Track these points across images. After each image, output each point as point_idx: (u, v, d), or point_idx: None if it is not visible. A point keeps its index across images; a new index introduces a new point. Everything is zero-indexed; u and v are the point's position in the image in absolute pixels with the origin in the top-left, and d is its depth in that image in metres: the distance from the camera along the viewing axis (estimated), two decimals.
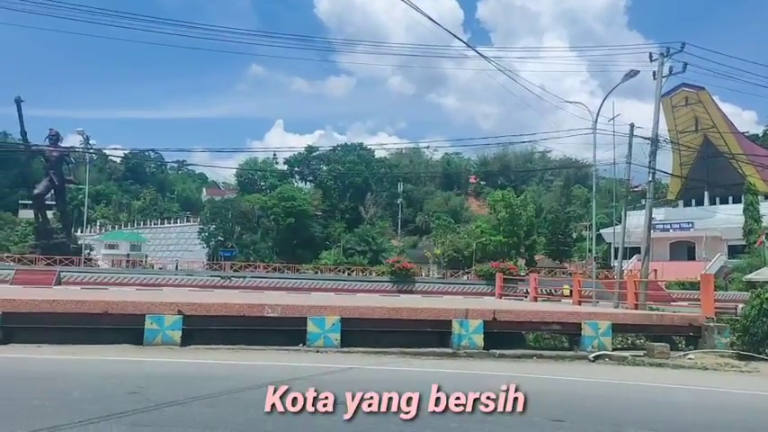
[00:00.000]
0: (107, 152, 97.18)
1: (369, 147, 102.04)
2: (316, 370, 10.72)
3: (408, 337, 13.99)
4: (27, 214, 74.22)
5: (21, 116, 42.00)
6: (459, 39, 38.07)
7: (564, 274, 53.08)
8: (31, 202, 50.92)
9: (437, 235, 77.45)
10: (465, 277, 50.23)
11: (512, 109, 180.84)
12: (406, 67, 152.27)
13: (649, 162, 27.01)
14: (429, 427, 6.84)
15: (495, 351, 13.82)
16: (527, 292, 30.58)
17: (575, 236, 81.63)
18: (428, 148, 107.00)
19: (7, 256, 44.64)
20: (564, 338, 16.26)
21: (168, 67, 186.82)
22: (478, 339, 13.96)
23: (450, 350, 13.75)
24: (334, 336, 13.41)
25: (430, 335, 14.24)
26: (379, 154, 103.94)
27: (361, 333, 13.81)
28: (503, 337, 14.57)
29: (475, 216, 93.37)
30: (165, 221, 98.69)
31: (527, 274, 42.44)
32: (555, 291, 33.95)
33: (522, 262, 65.88)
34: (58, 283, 34.31)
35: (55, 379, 9.25)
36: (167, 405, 7.46)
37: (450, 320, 14.10)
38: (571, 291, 27.66)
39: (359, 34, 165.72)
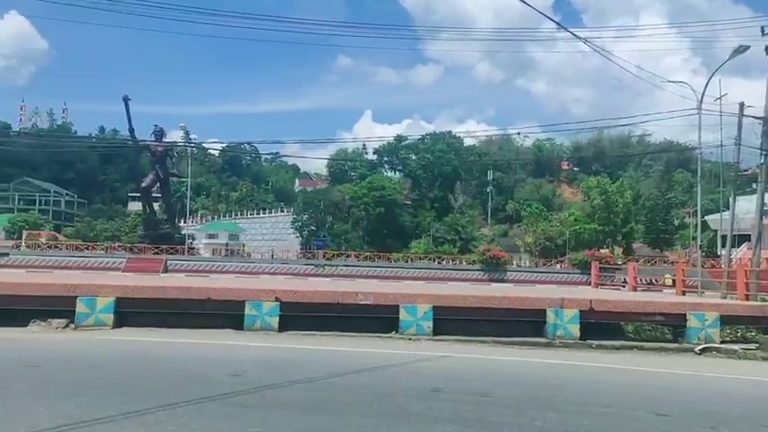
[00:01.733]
0: (206, 146, 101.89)
1: (457, 135, 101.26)
2: (409, 357, 10.80)
3: (501, 326, 13.82)
4: (136, 206, 79.08)
5: (128, 114, 44.59)
6: (551, 20, 36.81)
7: (665, 263, 50.58)
8: (139, 194, 54.07)
9: (528, 223, 75.88)
10: (558, 266, 48.94)
11: (605, 92, 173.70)
12: (493, 52, 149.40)
13: (761, 143, 25.13)
14: (527, 417, 6.74)
15: (592, 342, 13.42)
16: (625, 282, 29.39)
17: (676, 223, 77.56)
18: (518, 134, 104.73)
19: (119, 246, 47.76)
20: (666, 330, 15.53)
21: (260, 61, 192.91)
22: (574, 329, 13.59)
23: (544, 340, 13.47)
24: (426, 324, 13.45)
25: (523, 324, 14.01)
26: (467, 142, 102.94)
27: (453, 321, 13.78)
28: (600, 327, 14.12)
29: (568, 203, 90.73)
30: (261, 212, 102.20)
31: (624, 262, 40.78)
32: (655, 280, 32.38)
33: (618, 250, 63.42)
34: (165, 270, 36.33)
35: (165, 360, 9.83)
36: (268, 388, 7.76)
37: (545, 310, 13.81)
38: (673, 280, 26.30)
39: (445, 21, 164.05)
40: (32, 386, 7.54)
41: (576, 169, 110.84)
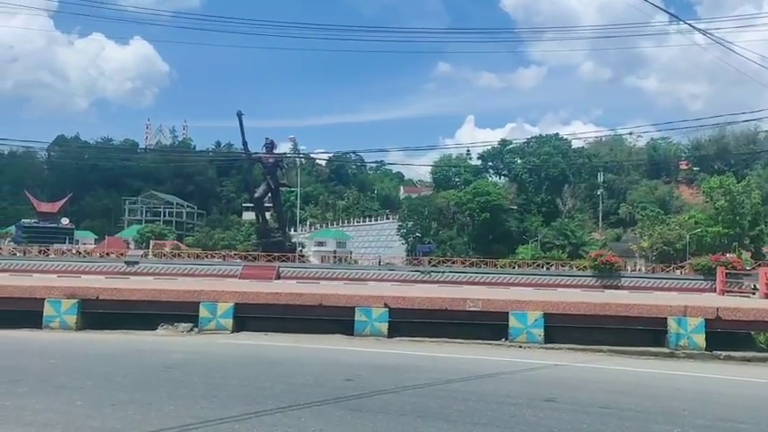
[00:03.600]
0: (314, 156, 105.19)
1: (565, 137, 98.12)
2: (519, 365, 10.57)
3: (617, 334, 13.23)
4: (249, 216, 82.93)
5: (242, 128, 46.65)
6: (666, 12, 34.90)
7: None
8: (252, 204, 56.56)
9: (644, 227, 72.16)
10: (678, 272, 46.03)
11: (726, 86, 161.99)
12: (599, 51, 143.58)
13: None
14: (651, 431, 6.40)
15: (719, 352, 12.54)
16: (755, 289, 27.22)
17: None
18: (631, 134, 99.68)
19: (235, 254, 50.17)
20: None
21: (363, 72, 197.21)
22: (699, 339, 12.76)
23: (666, 350, 12.75)
24: (537, 331, 13.12)
25: (642, 333, 13.33)
26: (575, 144, 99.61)
27: (565, 329, 13.35)
28: (728, 337, 13.18)
29: (687, 205, 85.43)
30: (367, 219, 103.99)
31: (754, 267, 37.77)
32: None
33: (746, 255, 58.86)
34: (278, 277, 37.57)
35: (281, 364, 10.20)
36: (380, 393, 7.85)
37: (666, 318, 13.07)
38: None
39: (547, 22, 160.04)
40: (162, 386, 8.07)
41: (695, 169, 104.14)
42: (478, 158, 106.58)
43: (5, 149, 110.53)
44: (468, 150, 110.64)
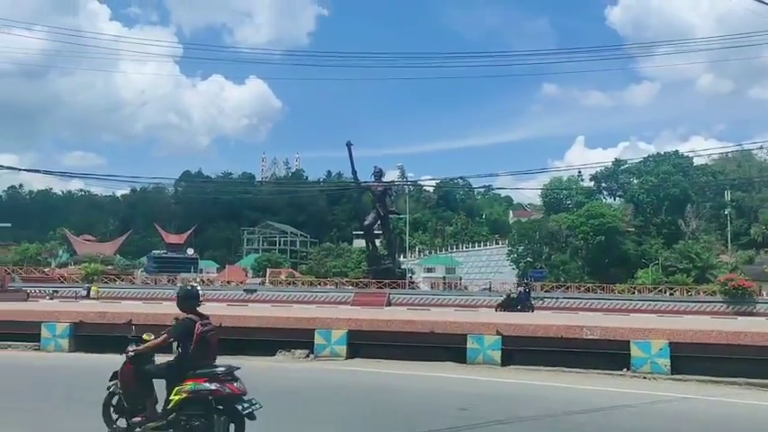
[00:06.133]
0: (421, 183, 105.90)
1: (685, 154, 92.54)
2: (643, 398, 9.99)
3: (755, 365, 12.18)
4: (359, 243, 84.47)
5: (351, 158, 48.18)
6: None
7: None
8: (362, 232, 57.81)
9: None
10: None
11: None
12: (719, 62, 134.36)
13: None
14: None
15: None
16: None
17: None
18: (761, 148, 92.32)
19: (346, 281, 51.30)
20: None
21: (470, 97, 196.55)
22: None
23: None
24: (662, 361, 12.35)
25: None
26: (697, 161, 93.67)
27: (694, 359, 12.48)
28: None
29: None
30: (476, 245, 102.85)
31: None
32: None
33: None
34: (388, 304, 38.05)
35: (395, 392, 10.27)
36: (496, 423, 7.71)
37: None
38: None
39: (659, 37, 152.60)
40: (284, 413, 8.37)
41: None
42: (591, 180, 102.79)
43: (138, 186, 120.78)
44: (580, 171, 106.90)
